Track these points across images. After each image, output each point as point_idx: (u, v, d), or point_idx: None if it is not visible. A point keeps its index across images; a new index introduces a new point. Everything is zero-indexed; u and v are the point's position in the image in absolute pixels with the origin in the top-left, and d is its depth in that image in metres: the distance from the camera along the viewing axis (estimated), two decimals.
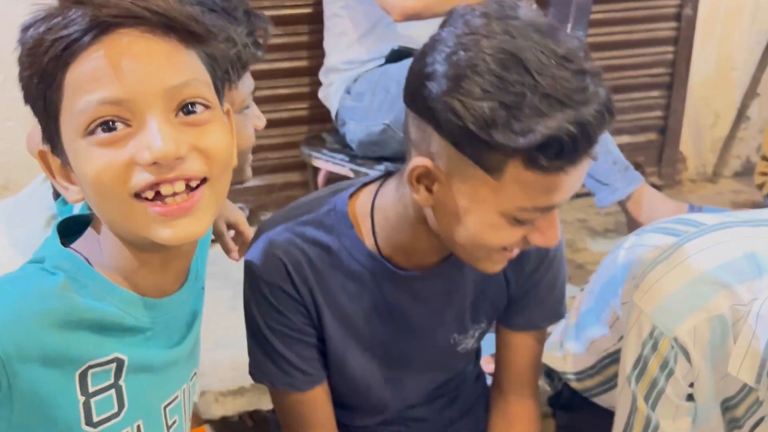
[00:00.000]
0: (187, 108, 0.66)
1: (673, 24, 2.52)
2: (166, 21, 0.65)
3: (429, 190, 0.86)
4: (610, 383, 1.20)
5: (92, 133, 0.64)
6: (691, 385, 1.00)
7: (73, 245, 0.75)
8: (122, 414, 0.74)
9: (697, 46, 2.55)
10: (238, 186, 1.37)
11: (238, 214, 1.31)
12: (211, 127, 0.68)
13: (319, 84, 2.10)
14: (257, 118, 1.08)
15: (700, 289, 0.95)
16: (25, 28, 0.66)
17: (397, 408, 1.11)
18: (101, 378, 0.72)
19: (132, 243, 0.71)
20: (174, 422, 0.82)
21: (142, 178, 0.64)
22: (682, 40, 2.53)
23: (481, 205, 0.83)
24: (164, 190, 0.65)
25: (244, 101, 1.02)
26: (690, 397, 1.01)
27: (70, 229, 0.77)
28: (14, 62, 0.68)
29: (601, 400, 1.25)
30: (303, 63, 2.29)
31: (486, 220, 0.83)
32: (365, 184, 1.00)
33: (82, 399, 0.70)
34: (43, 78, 0.65)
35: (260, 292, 0.96)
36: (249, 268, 0.97)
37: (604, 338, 1.21)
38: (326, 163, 2.00)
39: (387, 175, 0.99)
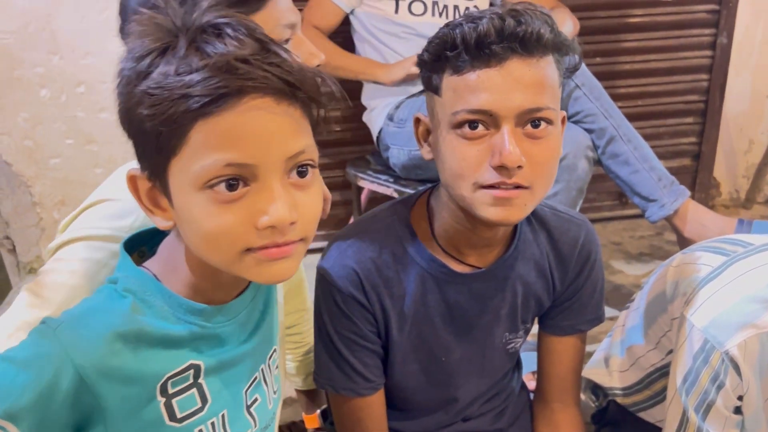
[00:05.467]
0: (299, 169, 0.71)
1: (708, 52, 2.55)
2: (297, 92, 0.68)
3: (429, 144, 0.97)
4: (659, 397, 1.23)
5: (212, 187, 0.67)
6: (740, 398, 1.02)
7: (146, 263, 0.78)
8: (206, 408, 0.78)
9: (732, 74, 2.57)
10: None
11: None
12: (313, 190, 0.72)
13: (360, 107, 2.15)
14: (311, 54, 1.04)
15: (750, 307, 0.98)
16: (140, 57, 0.67)
17: (451, 415, 1.15)
18: (180, 382, 0.76)
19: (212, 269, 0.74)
20: (255, 401, 0.85)
21: (257, 240, 0.68)
22: (717, 68, 2.55)
23: (440, 126, 0.92)
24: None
25: (278, 20, 0.97)
26: (737, 410, 1.04)
27: (141, 237, 0.81)
28: (77, 83, 0.66)
29: (648, 415, 1.28)
30: (345, 86, 2.35)
31: (447, 142, 0.90)
32: (422, 194, 1.07)
33: (162, 400, 0.74)
34: (166, 123, 0.65)
35: (332, 300, 1.01)
36: (322, 277, 1.02)
37: (651, 353, 1.23)
38: (371, 183, 2.04)
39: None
